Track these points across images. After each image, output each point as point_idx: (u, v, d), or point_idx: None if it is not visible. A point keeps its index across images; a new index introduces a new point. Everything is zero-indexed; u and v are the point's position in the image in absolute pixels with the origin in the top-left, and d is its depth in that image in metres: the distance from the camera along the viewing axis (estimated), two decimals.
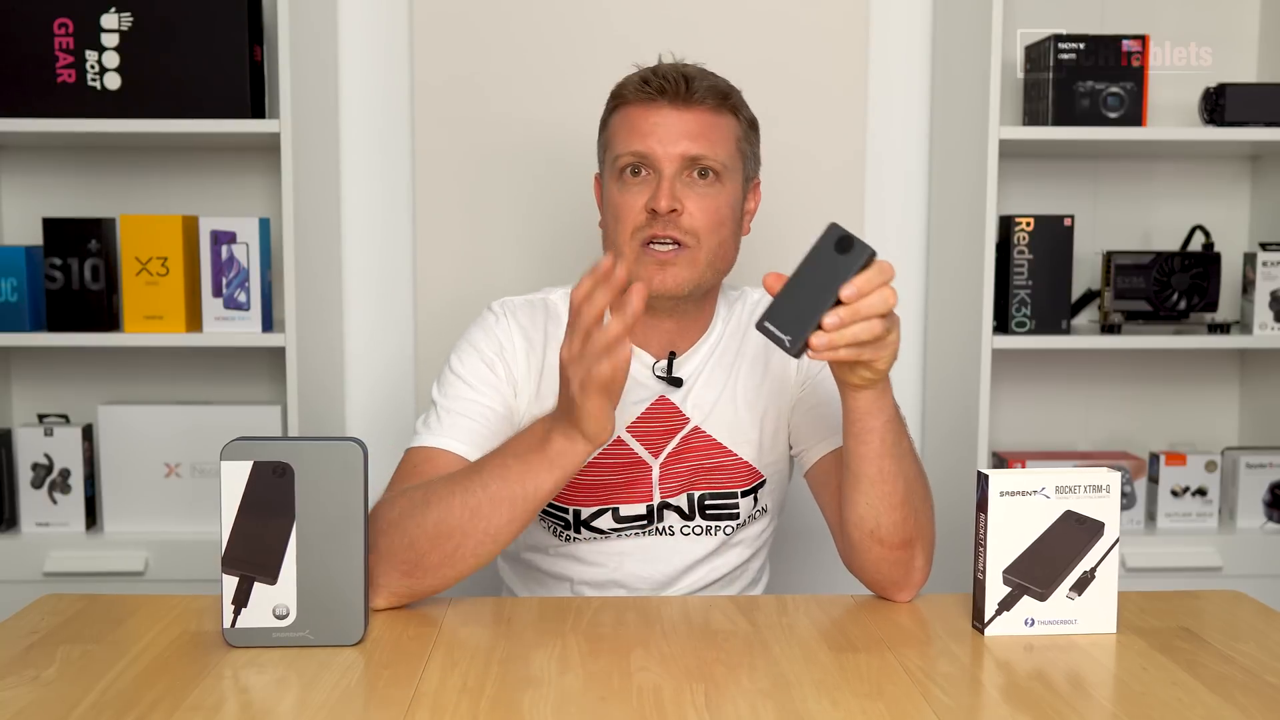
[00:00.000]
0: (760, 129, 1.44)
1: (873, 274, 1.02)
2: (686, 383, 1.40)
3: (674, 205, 1.31)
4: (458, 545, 1.15)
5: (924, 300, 2.18)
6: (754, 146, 1.42)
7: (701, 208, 1.32)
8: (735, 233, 1.38)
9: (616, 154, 1.35)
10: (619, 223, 1.34)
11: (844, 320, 1.02)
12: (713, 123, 1.34)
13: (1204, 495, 2.10)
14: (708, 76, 1.36)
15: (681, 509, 1.39)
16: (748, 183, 1.41)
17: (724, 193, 1.34)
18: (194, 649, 1.07)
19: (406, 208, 2.13)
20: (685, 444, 1.39)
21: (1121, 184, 2.20)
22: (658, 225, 1.31)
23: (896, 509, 1.19)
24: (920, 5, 2.14)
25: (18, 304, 1.92)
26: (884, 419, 1.16)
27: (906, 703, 0.96)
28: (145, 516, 2.01)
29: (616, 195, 1.35)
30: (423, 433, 1.33)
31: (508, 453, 1.16)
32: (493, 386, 1.36)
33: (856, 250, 1.02)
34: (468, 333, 1.41)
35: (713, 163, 1.33)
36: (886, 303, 1.03)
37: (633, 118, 1.35)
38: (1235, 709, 0.95)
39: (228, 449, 1.04)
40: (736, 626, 1.15)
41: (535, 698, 0.96)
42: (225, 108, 1.89)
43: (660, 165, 1.32)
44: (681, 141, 1.32)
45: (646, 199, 1.32)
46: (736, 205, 1.37)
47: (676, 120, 1.33)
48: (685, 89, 1.32)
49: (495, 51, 2.07)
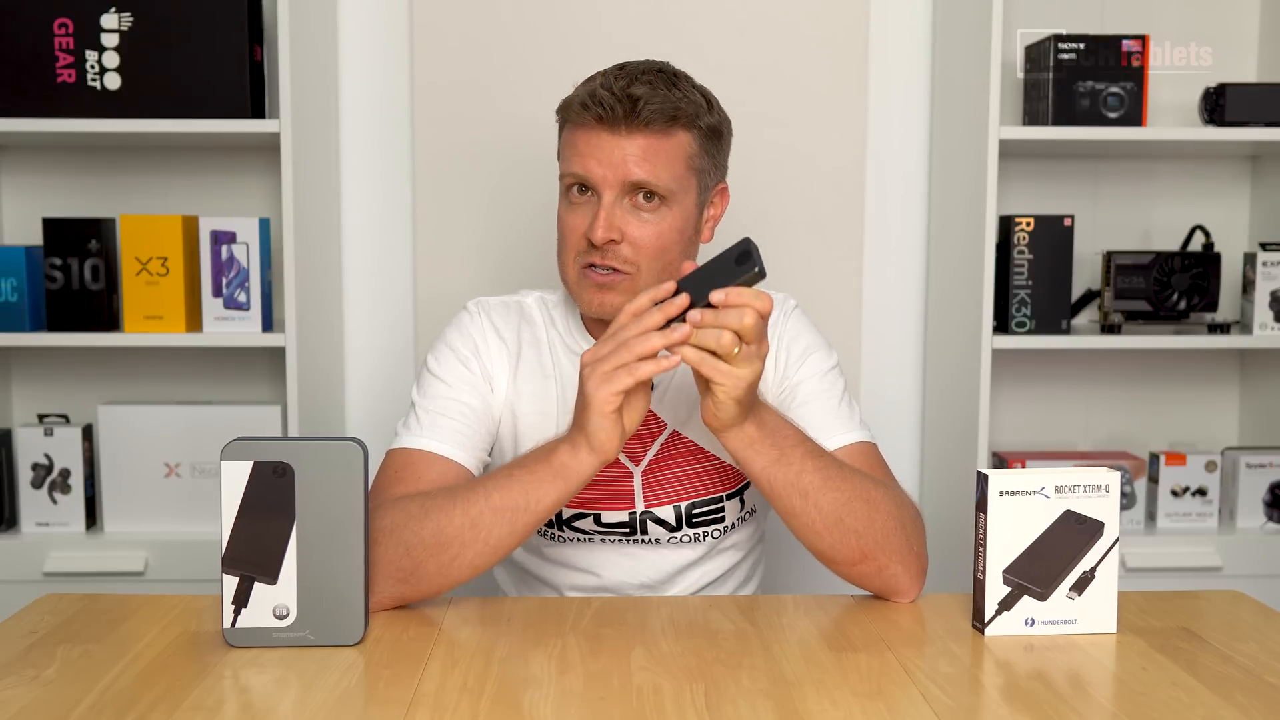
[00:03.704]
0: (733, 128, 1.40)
1: (747, 291, 1.06)
2: (660, 386, 1.39)
3: (610, 236, 1.29)
4: (455, 555, 1.15)
5: (924, 300, 2.18)
6: (715, 156, 1.36)
7: (642, 235, 1.30)
8: (685, 252, 1.34)
9: (561, 172, 1.35)
10: (563, 244, 1.34)
11: (700, 322, 1.06)
12: (657, 146, 1.28)
13: (1204, 495, 2.10)
14: (657, 93, 1.28)
15: (667, 521, 1.38)
16: (707, 192, 1.37)
17: (669, 216, 1.31)
18: (194, 649, 1.07)
19: (406, 207, 2.13)
20: (666, 451, 1.38)
21: (1121, 184, 2.20)
22: (595, 255, 1.30)
23: (823, 535, 1.19)
24: (920, 6, 2.14)
25: (18, 304, 1.92)
26: (765, 463, 1.16)
27: (906, 703, 0.96)
28: (145, 516, 2.01)
29: (563, 213, 1.35)
30: (403, 434, 1.33)
31: (513, 465, 1.17)
32: (470, 384, 1.36)
33: (745, 267, 1.06)
34: (443, 333, 1.41)
35: (656, 187, 1.29)
36: (742, 321, 1.05)
37: (575, 138, 1.31)
38: (1235, 709, 0.95)
39: (228, 449, 1.04)
40: (736, 626, 1.15)
41: (535, 698, 0.96)
42: (225, 108, 1.89)
43: (600, 189, 1.29)
44: (622, 167, 1.28)
45: (587, 224, 1.30)
46: (687, 224, 1.34)
47: (616, 145, 1.28)
48: (625, 114, 1.26)
49: (495, 52, 2.07)
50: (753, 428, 1.14)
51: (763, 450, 1.15)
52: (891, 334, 2.19)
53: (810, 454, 1.18)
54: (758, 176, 2.07)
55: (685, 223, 1.33)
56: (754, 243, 1.07)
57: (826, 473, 1.18)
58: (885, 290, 2.18)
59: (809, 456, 1.18)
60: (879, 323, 2.18)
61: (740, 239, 1.08)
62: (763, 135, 2.07)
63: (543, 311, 1.44)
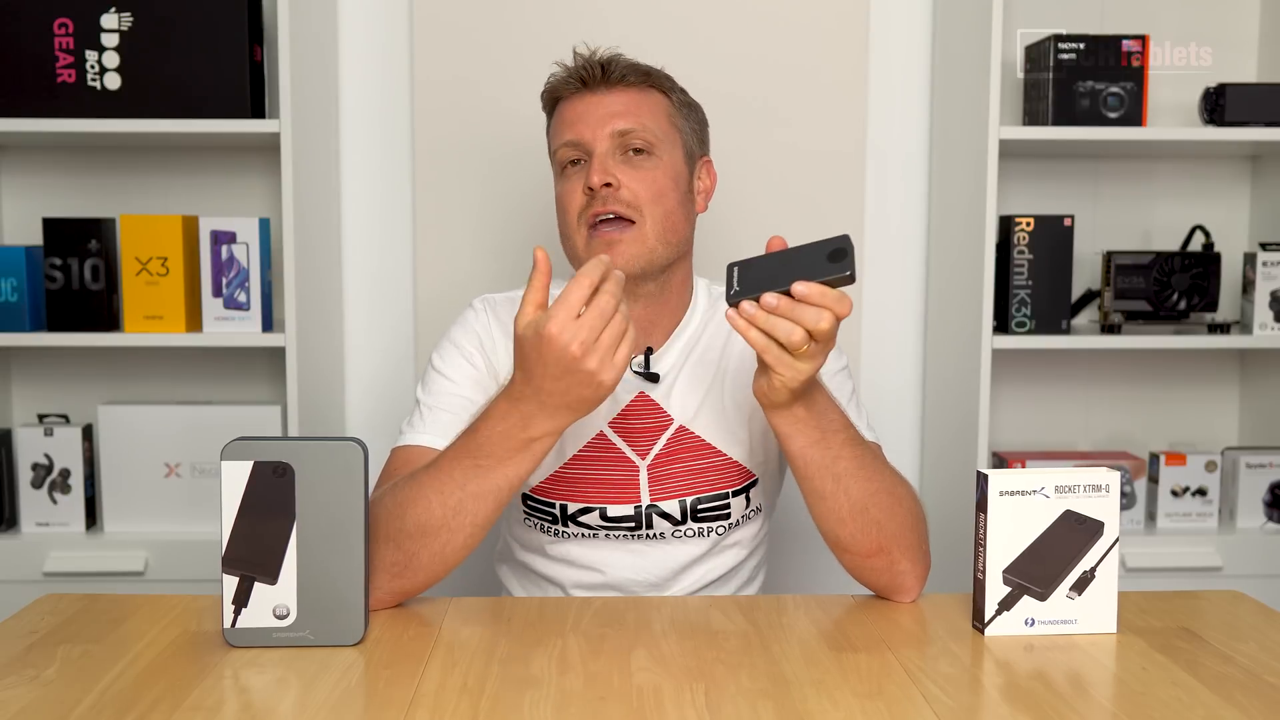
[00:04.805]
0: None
1: (831, 292, 1.04)
2: (666, 379, 1.39)
3: (607, 179, 1.32)
4: (446, 542, 1.15)
5: (924, 300, 2.18)
6: (693, 124, 1.43)
7: (638, 180, 1.34)
8: (682, 204, 1.38)
9: (554, 151, 1.40)
10: (565, 213, 1.37)
11: (776, 308, 1.04)
12: (638, 99, 1.37)
13: (1204, 495, 2.10)
14: (627, 60, 1.39)
15: (672, 515, 1.38)
16: (693, 159, 1.42)
17: (661, 165, 1.36)
18: (194, 649, 1.07)
19: (406, 207, 2.13)
20: (672, 445, 1.38)
21: (1121, 184, 2.20)
22: (597, 203, 1.33)
23: (846, 523, 1.19)
24: (920, 5, 2.14)
25: (18, 304, 1.92)
26: (805, 442, 1.16)
27: (906, 703, 0.96)
28: (145, 516, 2.01)
29: (559, 189, 1.39)
30: (407, 432, 1.33)
31: (479, 451, 1.13)
32: (474, 381, 1.36)
33: (839, 266, 1.03)
34: (449, 330, 1.42)
35: (643, 135, 1.35)
36: (817, 322, 1.04)
37: (563, 113, 1.39)
38: (1235, 709, 0.95)
39: (228, 449, 1.04)
40: (736, 626, 1.15)
41: (535, 698, 0.96)
42: (225, 108, 1.89)
43: (591, 146, 1.34)
44: (608, 121, 1.35)
45: (584, 181, 1.34)
46: (680, 178, 1.38)
47: (599, 103, 1.36)
48: (603, 73, 1.36)
49: (495, 51, 2.07)
50: (801, 408, 1.14)
51: (806, 430, 1.16)
52: (891, 334, 2.19)
53: (850, 441, 1.18)
54: (758, 176, 2.07)
55: (677, 176, 1.37)
56: (851, 242, 1.04)
57: (861, 460, 1.19)
58: (885, 290, 2.18)
59: (848, 444, 1.18)
60: (879, 322, 2.18)
61: (839, 234, 1.05)
62: (763, 134, 2.07)
63: None
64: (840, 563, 1.25)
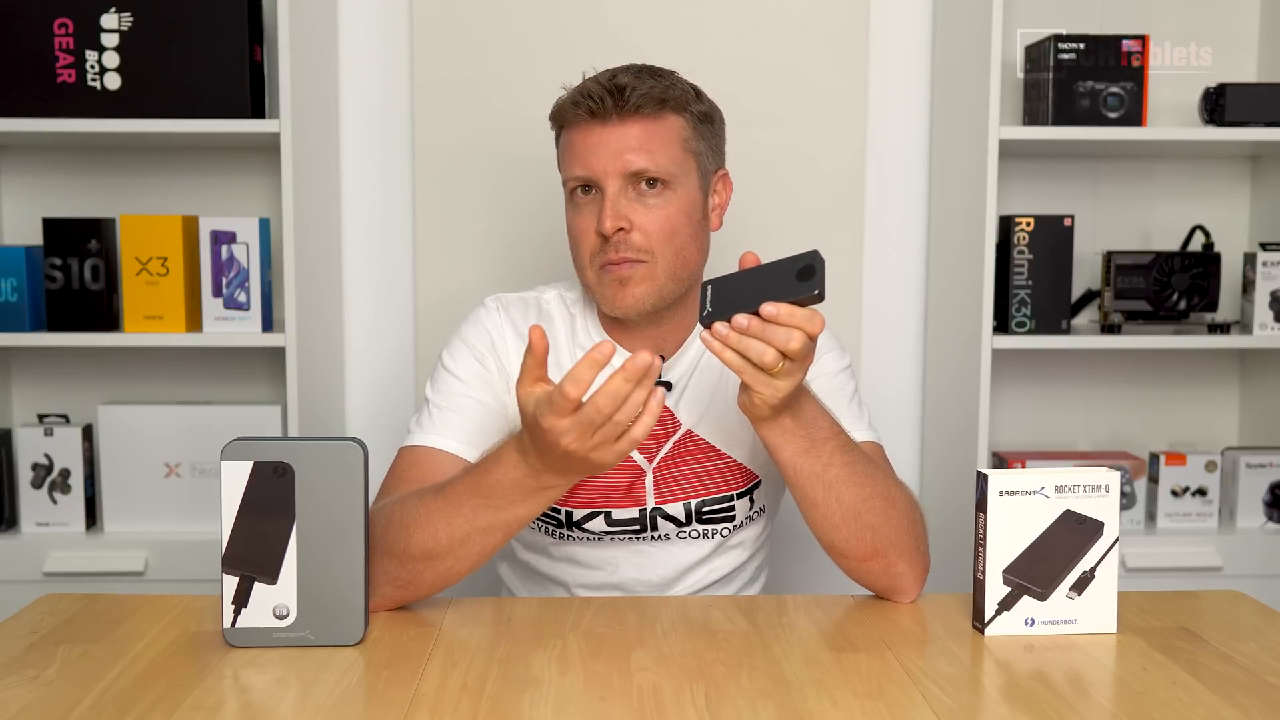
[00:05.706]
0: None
1: (800, 312, 1.03)
2: (678, 386, 1.40)
3: (620, 225, 1.29)
4: (450, 566, 1.15)
5: (924, 300, 2.18)
6: (710, 140, 1.37)
7: (651, 220, 1.30)
8: (695, 234, 1.35)
9: (564, 178, 1.36)
10: (577, 248, 1.35)
11: (747, 329, 1.03)
12: (651, 131, 1.30)
13: (1204, 495, 2.10)
14: (643, 81, 1.31)
15: (677, 517, 1.38)
16: (708, 178, 1.38)
17: (675, 200, 1.32)
18: (194, 649, 1.07)
19: (406, 207, 2.13)
20: (679, 448, 1.39)
21: (1121, 184, 2.20)
22: (610, 250, 1.30)
23: (839, 529, 1.19)
24: (920, 5, 2.14)
25: (18, 304, 1.92)
26: (794, 451, 1.15)
27: (906, 703, 0.96)
28: (145, 516, 2.01)
29: (571, 218, 1.36)
30: (415, 431, 1.33)
31: (490, 493, 1.10)
32: (484, 381, 1.35)
33: (807, 285, 1.02)
34: (460, 329, 1.41)
35: (657, 173, 1.30)
36: (787, 343, 1.03)
37: (572, 141, 1.33)
38: (1235, 709, 0.95)
39: (228, 449, 1.04)
40: (736, 626, 1.15)
41: (535, 698, 0.96)
42: (225, 108, 1.89)
43: (603, 184, 1.31)
44: (620, 157, 1.29)
45: (596, 222, 1.31)
46: (694, 208, 1.35)
47: (611, 137, 1.30)
48: (614, 103, 1.29)
49: (495, 51, 2.07)
50: (788, 419, 1.14)
51: (794, 440, 1.15)
52: (891, 334, 2.19)
53: (841, 448, 1.18)
54: (758, 177, 2.07)
55: (691, 206, 1.34)
56: (821, 258, 1.02)
57: (853, 467, 1.18)
58: (885, 290, 2.18)
59: (839, 450, 1.18)
60: (879, 323, 2.18)
61: (809, 250, 1.04)
62: (763, 135, 2.07)
63: (562, 309, 1.43)
64: (838, 566, 1.25)
